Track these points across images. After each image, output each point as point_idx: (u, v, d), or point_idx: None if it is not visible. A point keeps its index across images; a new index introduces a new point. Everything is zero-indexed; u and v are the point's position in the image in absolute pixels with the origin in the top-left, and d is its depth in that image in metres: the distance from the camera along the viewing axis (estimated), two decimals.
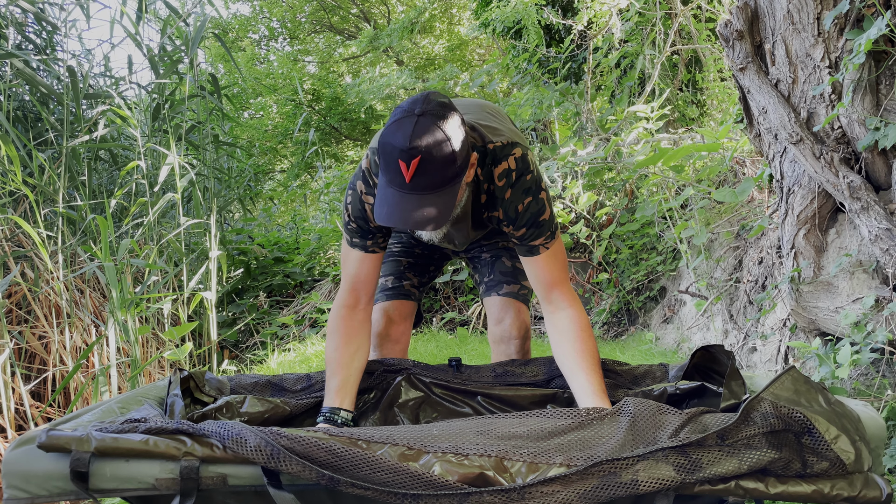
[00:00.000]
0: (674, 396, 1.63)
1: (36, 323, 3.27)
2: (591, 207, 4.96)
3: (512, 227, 1.65)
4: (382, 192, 1.42)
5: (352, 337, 1.69)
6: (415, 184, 1.38)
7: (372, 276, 1.74)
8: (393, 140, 1.38)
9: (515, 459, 1.09)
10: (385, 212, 1.40)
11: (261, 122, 12.15)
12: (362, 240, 1.70)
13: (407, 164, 1.36)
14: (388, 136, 1.39)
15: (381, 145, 1.40)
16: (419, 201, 1.39)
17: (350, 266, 1.73)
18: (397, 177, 1.38)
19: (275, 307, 5.79)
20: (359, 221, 1.68)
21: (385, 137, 1.39)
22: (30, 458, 1.09)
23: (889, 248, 2.17)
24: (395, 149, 1.37)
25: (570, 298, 1.67)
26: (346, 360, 1.66)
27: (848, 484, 1.10)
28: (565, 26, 6.22)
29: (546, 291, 1.68)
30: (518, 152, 1.61)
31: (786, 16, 2.45)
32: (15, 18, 3.86)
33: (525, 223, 1.62)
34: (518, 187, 1.60)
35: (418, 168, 1.36)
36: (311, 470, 1.04)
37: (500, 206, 1.63)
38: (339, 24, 15.73)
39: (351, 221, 1.69)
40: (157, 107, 4.22)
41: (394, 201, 1.40)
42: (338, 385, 1.64)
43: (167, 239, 3.78)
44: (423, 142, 1.36)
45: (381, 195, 1.42)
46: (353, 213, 1.67)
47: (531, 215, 1.62)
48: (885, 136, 2.15)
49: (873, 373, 2.27)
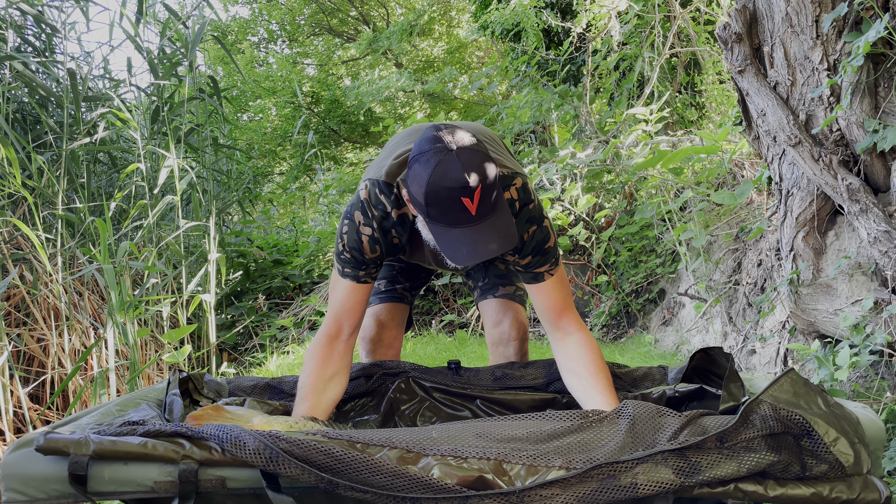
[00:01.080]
0: (673, 399, 1.63)
1: (34, 325, 3.27)
2: (590, 210, 4.96)
3: (517, 256, 1.64)
4: (448, 235, 1.40)
5: (328, 364, 1.61)
6: (480, 213, 1.38)
7: (358, 307, 1.68)
8: (446, 183, 1.36)
9: (515, 462, 1.09)
10: (465, 252, 1.38)
11: (260, 124, 12.16)
12: (354, 270, 1.66)
13: (471, 198, 1.36)
14: (438, 182, 1.36)
15: (433, 194, 1.37)
16: (490, 227, 1.39)
17: (338, 295, 1.68)
18: (462, 214, 1.37)
19: (274, 309, 5.78)
20: (353, 252, 1.64)
21: (434, 185, 1.36)
22: (28, 460, 1.09)
23: (888, 250, 2.17)
24: (453, 190, 1.35)
25: (577, 323, 1.66)
26: (319, 387, 1.58)
27: (847, 486, 1.10)
28: (564, 29, 6.23)
29: (554, 317, 1.67)
30: (519, 182, 1.62)
31: (784, 18, 2.45)
32: (14, 21, 3.86)
33: (531, 251, 1.62)
34: (522, 217, 1.60)
35: (481, 196, 1.37)
36: (310, 473, 1.04)
37: None
38: (338, 27, 15.75)
39: (345, 251, 1.65)
40: (157, 109, 4.22)
41: (467, 239, 1.38)
42: (304, 411, 1.54)
43: (166, 241, 3.78)
44: (476, 171, 1.37)
45: (448, 239, 1.40)
46: (349, 244, 1.63)
47: (536, 243, 1.62)
48: (884, 139, 2.16)
49: (872, 375, 2.27)
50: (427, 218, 1.43)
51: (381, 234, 1.62)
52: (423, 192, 1.38)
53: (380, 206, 1.60)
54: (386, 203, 1.60)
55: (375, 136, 12.61)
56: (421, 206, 1.42)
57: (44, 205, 3.56)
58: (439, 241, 1.42)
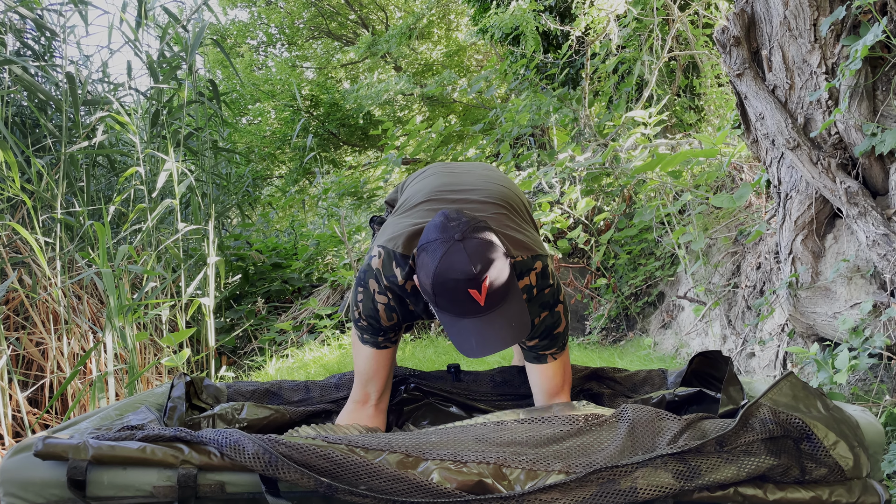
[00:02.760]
0: (672, 403, 1.63)
1: (33, 329, 3.26)
2: (589, 213, 4.97)
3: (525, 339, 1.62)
4: (458, 325, 1.38)
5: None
6: (490, 303, 1.36)
7: (382, 372, 1.66)
8: (452, 275, 1.34)
9: (514, 466, 1.09)
10: (474, 344, 1.37)
11: (259, 127, 12.16)
12: (373, 336, 1.64)
13: (479, 289, 1.34)
14: (444, 273, 1.35)
15: (440, 285, 1.35)
16: (500, 317, 1.37)
17: (360, 362, 1.67)
18: (470, 305, 1.35)
19: (273, 313, 5.78)
20: (370, 320, 1.61)
21: (441, 276, 1.35)
22: (27, 465, 1.09)
23: (887, 253, 2.17)
24: (459, 282, 1.34)
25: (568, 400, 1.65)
26: None
27: (846, 490, 1.10)
28: (563, 32, 6.24)
29: (546, 398, 1.66)
30: (539, 266, 1.58)
31: (782, 22, 2.46)
32: (13, 25, 3.86)
33: (539, 335, 1.61)
34: (536, 301, 1.58)
35: (489, 287, 1.34)
36: (310, 478, 1.04)
37: None
38: (338, 30, 15.77)
39: (361, 319, 1.63)
40: (156, 113, 4.22)
41: (477, 329, 1.36)
42: None
43: (165, 245, 3.78)
44: (483, 261, 1.35)
45: (458, 330, 1.38)
46: (365, 312, 1.61)
47: (546, 328, 1.60)
48: (882, 142, 2.16)
49: (871, 378, 2.27)
50: (436, 307, 1.41)
51: (398, 303, 1.59)
52: (431, 283, 1.37)
53: (391, 277, 1.57)
54: (398, 276, 1.56)
55: (374, 139, 12.62)
56: (429, 295, 1.40)
57: (43, 208, 3.56)
58: (449, 330, 1.40)
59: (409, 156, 6.66)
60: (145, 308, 3.57)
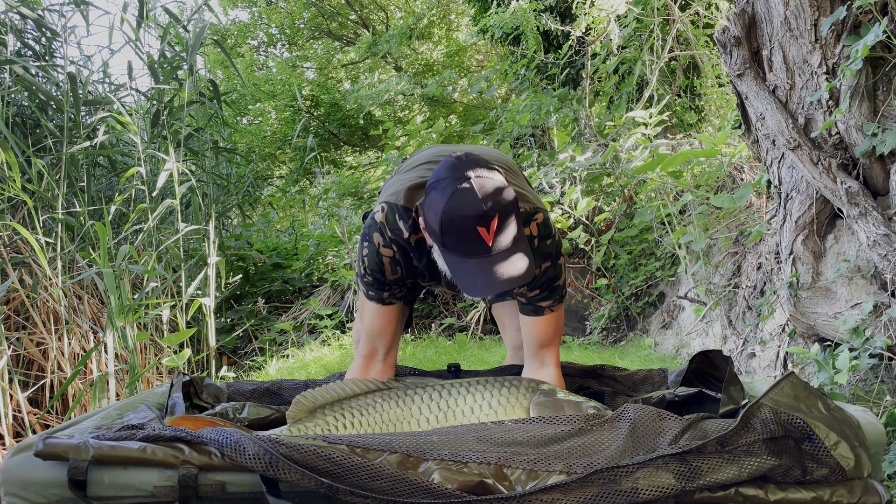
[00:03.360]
0: (673, 403, 1.62)
1: (34, 329, 3.26)
2: (589, 213, 4.97)
3: (525, 288, 1.63)
4: (463, 266, 1.38)
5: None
6: (497, 244, 1.36)
7: (388, 328, 1.69)
8: (462, 211, 1.34)
9: (515, 467, 1.09)
10: (479, 284, 1.37)
11: (259, 128, 12.16)
12: (378, 292, 1.65)
13: (487, 228, 1.34)
14: (453, 210, 1.34)
15: (448, 222, 1.35)
16: (505, 259, 1.37)
17: (367, 318, 1.69)
18: (478, 244, 1.35)
19: (273, 313, 5.78)
20: (375, 274, 1.62)
21: (450, 213, 1.35)
22: (28, 465, 1.09)
23: (887, 253, 2.17)
24: (469, 219, 1.33)
25: (556, 359, 1.69)
26: None
27: (847, 490, 1.10)
28: (563, 32, 6.24)
29: (536, 349, 1.69)
30: (540, 217, 1.60)
31: (783, 22, 2.46)
32: (14, 25, 3.86)
33: (539, 286, 1.62)
34: (538, 252, 1.58)
35: (497, 227, 1.34)
36: (310, 478, 1.04)
37: None
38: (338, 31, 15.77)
39: (367, 274, 1.63)
40: (157, 113, 4.22)
41: (482, 270, 1.36)
42: None
43: (166, 245, 3.78)
44: (493, 200, 1.34)
45: (463, 270, 1.38)
46: (370, 266, 1.62)
47: (547, 279, 1.61)
48: (883, 142, 2.16)
49: (872, 378, 2.27)
50: (442, 247, 1.41)
51: (402, 256, 1.60)
52: (439, 220, 1.36)
53: (396, 231, 1.57)
54: (403, 228, 1.57)
55: (375, 139, 12.62)
56: (436, 234, 1.40)
57: (43, 208, 3.56)
58: (454, 271, 1.40)
59: (410, 156, 6.65)
60: (146, 308, 3.57)
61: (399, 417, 1.52)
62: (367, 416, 1.51)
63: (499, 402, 1.54)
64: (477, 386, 1.57)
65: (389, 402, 1.54)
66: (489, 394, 1.55)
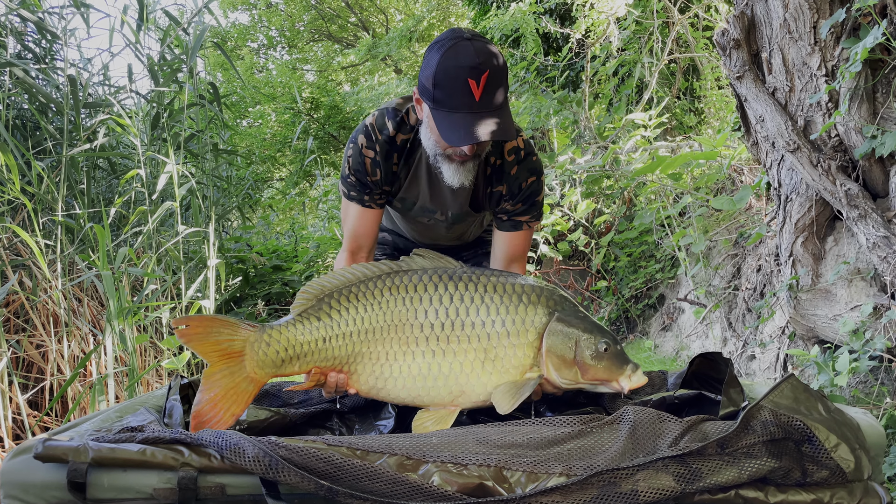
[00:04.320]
0: (673, 404, 1.62)
1: (33, 332, 3.26)
2: (589, 215, 4.97)
3: (510, 202, 1.73)
4: (449, 119, 1.46)
5: None
6: (483, 101, 1.45)
7: (371, 230, 1.81)
8: (457, 62, 1.43)
9: (515, 469, 1.08)
10: (463, 133, 1.45)
11: (259, 130, 12.17)
12: (359, 193, 1.77)
13: (477, 82, 1.43)
14: (450, 60, 1.44)
15: (443, 71, 1.44)
16: (490, 117, 1.46)
17: (349, 220, 1.81)
18: (466, 98, 1.44)
19: (273, 315, 5.78)
20: (357, 174, 1.73)
21: (445, 63, 1.44)
22: (27, 468, 1.09)
23: (887, 255, 2.17)
24: (462, 69, 1.43)
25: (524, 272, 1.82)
26: None
27: (848, 492, 1.10)
28: (563, 35, 6.24)
29: (507, 264, 1.81)
30: (525, 135, 1.74)
31: (782, 24, 2.46)
32: (14, 27, 3.87)
33: (524, 199, 1.73)
34: (525, 165, 1.71)
35: (487, 83, 1.44)
36: (310, 481, 1.04)
37: (504, 181, 1.72)
38: (338, 33, 15.79)
39: (350, 175, 1.74)
40: (157, 115, 4.22)
41: (466, 122, 1.45)
42: None
43: (165, 247, 3.78)
44: (486, 58, 1.44)
45: (449, 123, 1.46)
46: (353, 167, 1.73)
47: (531, 193, 1.74)
48: (882, 144, 2.16)
49: (872, 380, 2.27)
50: (432, 103, 1.49)
51: (382, 158, 1.71)
52: (433, 73, 1.46)
53: (384, 130, 1.69)
54: (390, 126, 1.68)
55: None
56: (428, 91, 1.49)
57: (43, 211, 3.56)
58: (440, 125, 1.47)
59: None
60: (145, 310, 3.57)
61: (403, 318, 1.46)
62: (371, 312, 1.47)
63: (513, 321, 1.46)
64: (493, 295, 1.47)
65: (396, 298, 1.47)
66: (504, 309, 1.46)
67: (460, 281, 1.48)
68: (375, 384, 1.48)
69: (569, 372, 1.46)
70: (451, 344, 1.46)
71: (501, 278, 1.51)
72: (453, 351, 1.46)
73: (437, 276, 1.49)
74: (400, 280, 1.49)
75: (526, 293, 1.48)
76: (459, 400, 1.47)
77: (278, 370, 1.47)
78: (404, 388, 1.47)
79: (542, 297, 1.49)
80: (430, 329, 1.46)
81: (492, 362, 1.46)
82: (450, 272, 1.50)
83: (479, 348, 1.46)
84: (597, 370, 1.45)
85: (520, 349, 1.46)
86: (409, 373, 1.47)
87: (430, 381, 1.46)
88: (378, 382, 1.48)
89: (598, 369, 1.45)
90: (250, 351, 1.45)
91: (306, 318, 1.47)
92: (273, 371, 1.46)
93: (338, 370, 1.47)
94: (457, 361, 1.46)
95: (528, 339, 1.46)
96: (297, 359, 1.47)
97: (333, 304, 1.48)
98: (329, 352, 1.47)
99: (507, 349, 1.46)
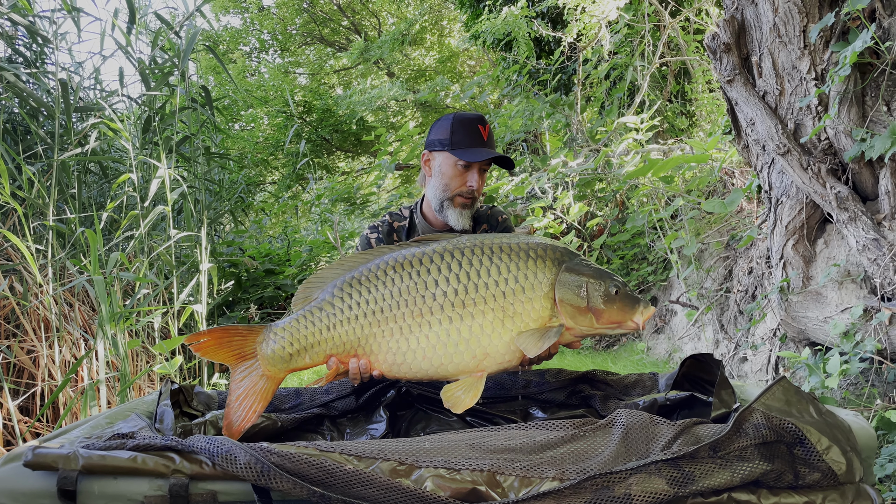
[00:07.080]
0: (664, 407, 1.63)
1: (24, 337, 3.24)
2: (581, 218, 4.98)
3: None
4: (466, 151, 1.98)
5: None
6: (488, 142, 2.02)
7: None
8: (467, 118, 2.02)
9: (508, 474, 1.08)
10: (478, 156, 1.97)
11: (252, 133, 12.15)
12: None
13: (483, 128, 2.00)
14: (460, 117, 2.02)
15: (458, 123, 2.00)
16: (492, 149, 2.02)
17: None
18: (477, 138, 1.99)
19: (266, 319, 5.76)
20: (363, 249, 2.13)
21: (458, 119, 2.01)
22: (17, 475, 1.08)
23: (877, 257, 2.18)
24: (472, 120, 2.00)
25: None
26: None
27: (840, 495, 1.10)
28: (555, 38, 6.26)
29: None
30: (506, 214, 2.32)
31: (772, 29, 2.48)
32: (5, 31, 3.85)
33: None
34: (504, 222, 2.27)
35: (488, 132, 2.01)
36: (302, 487, 1.03)
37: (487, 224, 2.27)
38: (330, 37, 15.77)
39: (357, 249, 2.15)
40: (148, 119, 4.21)
41: (478, 151, 1.98)
42: None
43: (157, 252, 3.76)
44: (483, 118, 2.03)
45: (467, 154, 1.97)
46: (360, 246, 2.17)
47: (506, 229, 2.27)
48: (872, 147, 2.18)
49: (863, 382, 2.28)
50: (450, 147, 1.99)
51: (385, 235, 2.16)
52: (449, 126, 2.00)
53: (384, 221, 2.18)
54: (388, 218, 2.18)
55: (367, 144, 12.63)
56: (445, 140, 1.99)
57: (34, 215, 3.54)
58: (462, 156, 1.97)
59: (402, 161, 6.66)
60: (137, 315, 3.55)
61: (413, 291, 1.45)
62: (376, 292, 1.46)
63: (525, 276, 1.46)
64: (501, 255, 1.48)
65: (402, 273, 1.47)
66: (515, 266, 1.47)
67: (465, 247, 1.50)
68: (395, 360, 1.47)
69: (584, 319, 1.47)
70: (467, 308, 1.45)
71: (504, 239, 1.52)
72: (471, 314, 1.46)
73: (440, 248, 1.50)
74: (402, 257, 1.50)
75: (532, 248, 1.50)
76: (485, 363, 1.46)
77: (289, 364, 1.48)
78: (425, 358, 1.46)
79: (549, 251, 1.51)
80: (444, 297, 1.45)
81: (511, 319, 1.46)
82: (452, 242, 1.51)
83: (496, 307, 1.46)
84: (611, 313, 1.47)
85: (536, 302, 1.46)
86: (427, 343, 1.46)
87: (451, 348, 1.45)
88: (398, 358, 1.47)
89: (612, 311, 1.47)
90: (260, 351, 1.48)
91: (308, 310, 1.49)
92: (284, 366, 1.48)
93: (355, 356, 1.47)
94: (476, 324, 1.45)
95: (542, 291, 1.47)
96: (304, 351, 1.48)
97: (336, 291, 1.48)
98: (337, 339, 1.47)
99: (524, 304, 1.46)
